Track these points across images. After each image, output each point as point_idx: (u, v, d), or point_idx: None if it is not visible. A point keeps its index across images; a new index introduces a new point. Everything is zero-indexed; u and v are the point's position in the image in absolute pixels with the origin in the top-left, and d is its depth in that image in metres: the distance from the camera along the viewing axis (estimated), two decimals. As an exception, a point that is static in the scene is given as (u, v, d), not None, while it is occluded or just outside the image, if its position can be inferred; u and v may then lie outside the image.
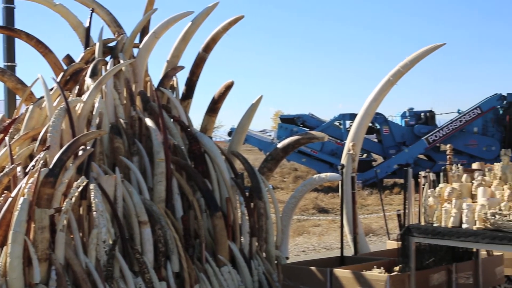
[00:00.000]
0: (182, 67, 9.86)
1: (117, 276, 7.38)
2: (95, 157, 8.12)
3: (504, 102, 33.87)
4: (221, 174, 8.92)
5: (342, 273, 7.88)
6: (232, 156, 9.64)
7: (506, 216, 6.77)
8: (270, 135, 36.43)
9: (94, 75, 8.90)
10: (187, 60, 9.88)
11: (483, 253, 8.85)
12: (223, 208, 8.66)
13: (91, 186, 7.40)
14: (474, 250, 8.51)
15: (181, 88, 9.93)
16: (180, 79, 9.95)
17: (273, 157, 9.84)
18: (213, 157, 8.94)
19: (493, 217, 6.85)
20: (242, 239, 8.75)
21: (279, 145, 9.89)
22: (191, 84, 9.94)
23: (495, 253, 9.05)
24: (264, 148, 31.57)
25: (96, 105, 8.49)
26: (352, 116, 30.52)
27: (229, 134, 31.33)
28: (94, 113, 8.46)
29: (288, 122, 33.45)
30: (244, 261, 8.51)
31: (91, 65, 9.06)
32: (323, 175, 10.12)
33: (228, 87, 9.76)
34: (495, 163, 8.10)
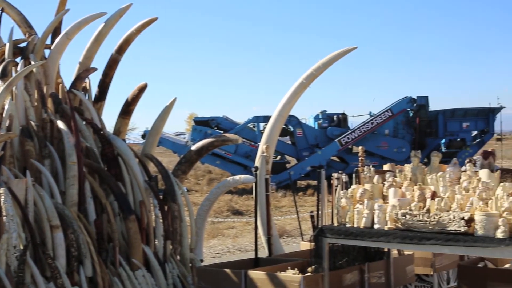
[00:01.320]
0: (94, 69, 9.71)
1: (28, 282, 7.22)
2: (5, 160, 7.92)
3: (414, 105, 34.71)
4: (134, 177, 8.83)
5: (256, 274, 7.91)
6: (146, 159, 9.55)
7: (416, 216, 6.91)
8: (184, 138, 36.29)
9: (4, 76, 8.69)
10: (100, 62, 9.75)
11: (394, 252, 9.01)
12: (137, 211, 8.58)
13: (1, 190, 7.21)
14: (386, 249, 8.67)
15: (94, 90, 9.79)
16: (93, 81, 9.81)
17: (187, 159, 9.80)
18: (126, 160, 8.84)
19: (403, 217, 6.99)
20: (156, 242, 8.68)
21: (193, 147, 9.85)
22: (104, 86, 9.81)
23: (406, 252, 9.23)
24: (178, 151, 31.46)
25: (6, 107, 8.30)
26: (266, 119, 30.68)
27: (143, 136, 31.09)
28: (4, 115, 8.27)
29: (202, 124, 33.44)
30: (159, 265, 8.45)
31: (1, 67, 8.84)
32: (237, 177, 10.13)
33: (142, 89, 9.67)
34: (405, 164, 8.26)
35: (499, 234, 6.33)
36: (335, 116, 34.88)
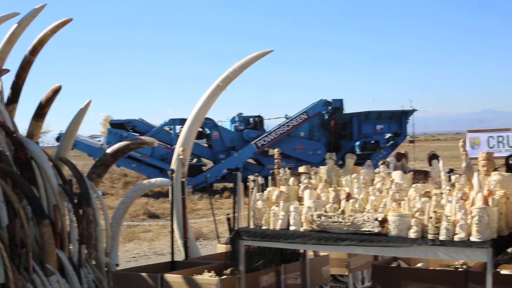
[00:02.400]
0: (7, 70, 9.49)
1: None
2: None
3: (329, 107, 35.15)
4: (48, 181, 8.67)
5: (172, 278, 7.87)
6: (60, 162, 9.39)
7: (331, 218, 7.00)
8: (100, 141, 35.81)
9: None
10: (12, 63, 9.54)
11: (310, 253, 9.11)
12: (51, 215, 8.42)
13: None
14: (302, 251, 8.75)
15: (6, 92, 9.57)
16: (6, 83, 9.58)
17: (103, 162, 9.67)
18: (40, 163, 8.67)
19: (319, 219, 7.07)
20: (71, 247, 8.54)
21: (109, 150, 9.72)
22: (17, 88, 9.59)
23: (322, 253, 9.34)
24: (93, 154, 31.04)
25: None
26: (182, 121, 30.54)
27: (57, 139, 30.55)
28: None
29: (117, 127, 33.05)
30: (73, 270, 8.31)
31: None
32: (153, 180, 10.07)
33: (56, 91, 9.50)
34: (320, 167, 8.36)
35: (412, 234, 6.47)
36: (251, 119, 34.99)
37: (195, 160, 33.56)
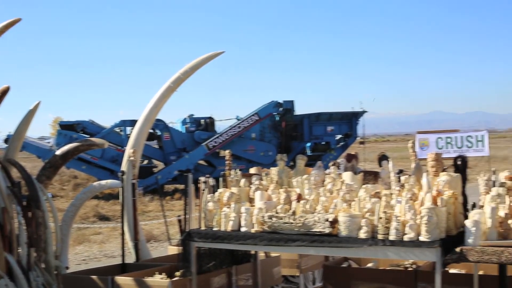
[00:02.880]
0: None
1: None
2: None
3: (280, 109, 35.24)
4: (-4, 183, 8.54)
5: (123, 280, 7.82)
6: (9, 164, 9.26)
7: (282, 219, 7.02)
8: (49, 142, 35.35)
9: None
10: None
11: (261, 254, 9.12)
12: (-1, 218, 8.30)
13: None
14: (253, 252, 8.76)
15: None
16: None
17: (52, 164, 9.56)
18: (-13, 165, 8.54)
19: (270, 220, 7.08)
20: (19, 250, 8.43)
21: (58, 152, 9.61)
22: (-38, 89, 9.43)
23: (273, 254, 9.36)
24: (43, 156, 30.64)
25: None
26: (133, 123, 30.26)
27: (6, 141, 30.06)
28: None
29: (67, 128, 32.68)
30: (22, 273, 8.20)
31: None
32: (103, 182, 9.99)
33: (4, 92, 9.36)
34: (271, 168, 8.38)
35: (362, 234, 6.53)
36: (202, 120, 34.91)
37: (145, 161, 33.35)
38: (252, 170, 8.64)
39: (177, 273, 7.89)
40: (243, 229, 7.33)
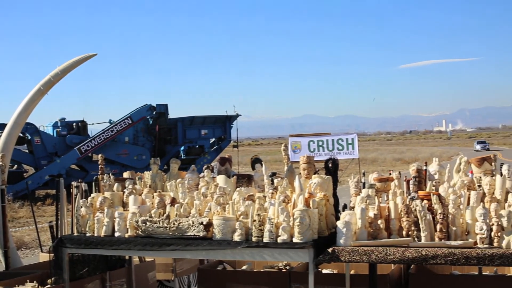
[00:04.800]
0: None
1: None
2: None
3: (154, 112, 35.10)
4: None
5: (-8, 289, 7.58)
6: None
7: (156, 223, 6.98)
8: None
9: None
10: None
11: (135, 259, 9.04)
12: None
13: None
14: (127, 257, 8.67)
15: None
16: None
17: None
18: None
19: (144, 224, 7.03)
20: None
21: None
22: None
23: (148, 259, 9.29)
24: None
25: None
26: (2, 126, 29.46)
27: None
28: None
29: None
30: None
31: None
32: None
33: None
34: (145, 172, 8.32)
35: (236, 237, 6.57)
36: (74, 124, 34.31)
37: (15, 166, 32.44)
38: (126, 174, 8.55)
39: (49, 281, 7.71)
40: (116, 234, 7.25)
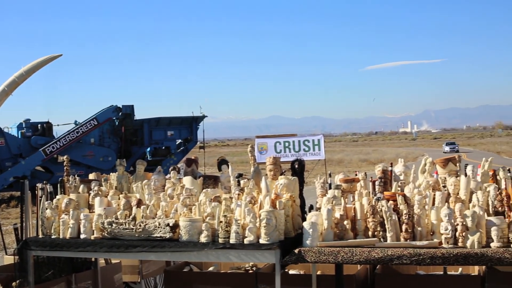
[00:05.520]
0: None
1: None
2: None
3: (120, 113, 34.90)
4: None
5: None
6: None
7: (122, 225, 6.95)
8: None
9: None
10: None
11: (101, 261, 8.99)
12: None
13: None
14: (93, 259, 8.62)
15: None
16: None
17: None
18: None
19: (110, 226, 7.00)
20: None
21: None
22: None
23: (114, 261, 9.25)
24: None
25: None
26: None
27: None
28: None
29: None
30: None
31: None
32: None
33: None
34: (111, 173, 8.28)
35: (203, 238, 6.56)
36: (39, 125, 33.99)
37: (-22, 168, 32.10)
38: (91, 176, 8.50)
39: (14, 284, 7.64)
40: (82, 236, 7.20)
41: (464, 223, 5.92)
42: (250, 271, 8.02)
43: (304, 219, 6.71)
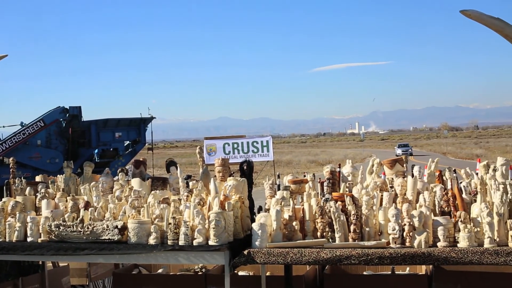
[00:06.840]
0: None
1: None
2: None
3: (67, 115, 34.51)
4: None
5: None
6: None
7: (70, 227, 6.88)
8: None
9: None
10: None
11: (49, 264, 8.90)
12: None
13: None
14: (40, 262, 8.52)
15: None
16: None
17: None
18: None
19: (57, 229, 6.92)
20: None
21: None
22: None
23: (61, 264, 9.16)
24: None
25: None
26: None
27: None
28: None
29: None
30: None
31: None
32: None
33: None
34: (58, 175, 8.20)
35: (152, 240, 6.54)
36: (-16, 127, 33.46)
37: None
38: (38, 178, 8.41)
39: (-42, 288, 7.52)
40: (29, 239, 7.11)
41: (411, 223, 6.00)
42: (200, 273, 8.02)
43: (253, 220, 6.73)
